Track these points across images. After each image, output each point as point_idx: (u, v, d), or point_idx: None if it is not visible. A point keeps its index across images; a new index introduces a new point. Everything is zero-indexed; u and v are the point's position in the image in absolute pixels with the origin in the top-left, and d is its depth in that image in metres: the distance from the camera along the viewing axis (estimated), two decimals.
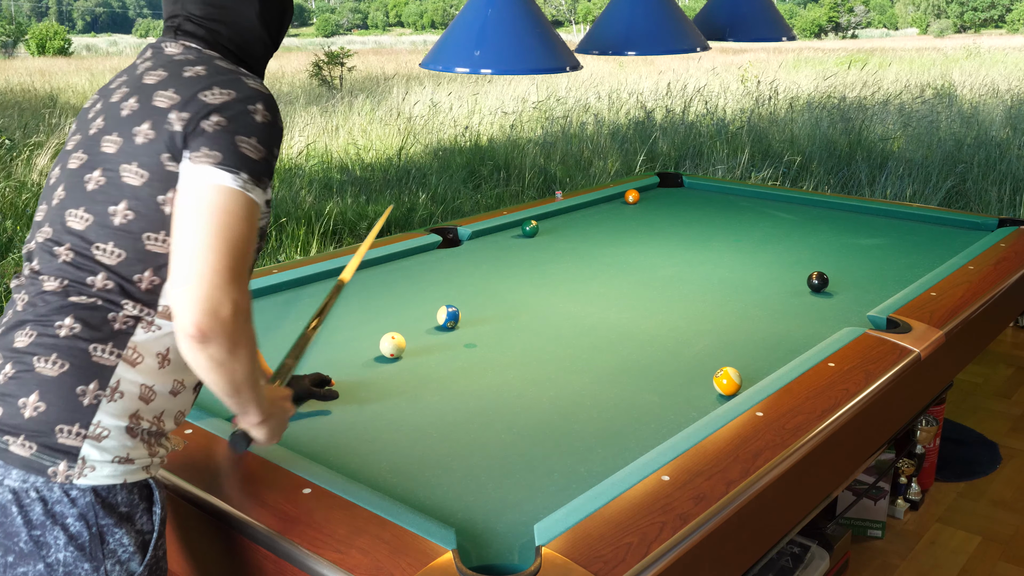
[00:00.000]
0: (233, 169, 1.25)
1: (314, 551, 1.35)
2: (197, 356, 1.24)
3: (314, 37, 58.66)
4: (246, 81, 1.33)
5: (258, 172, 1.28)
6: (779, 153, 8.24)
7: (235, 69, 1.36)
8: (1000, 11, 47.08)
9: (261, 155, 1.29)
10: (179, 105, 1.29)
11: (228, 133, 1.27)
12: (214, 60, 1.37)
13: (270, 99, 1.34)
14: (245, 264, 1.26)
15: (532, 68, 2.66)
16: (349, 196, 7.06)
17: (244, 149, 1.27)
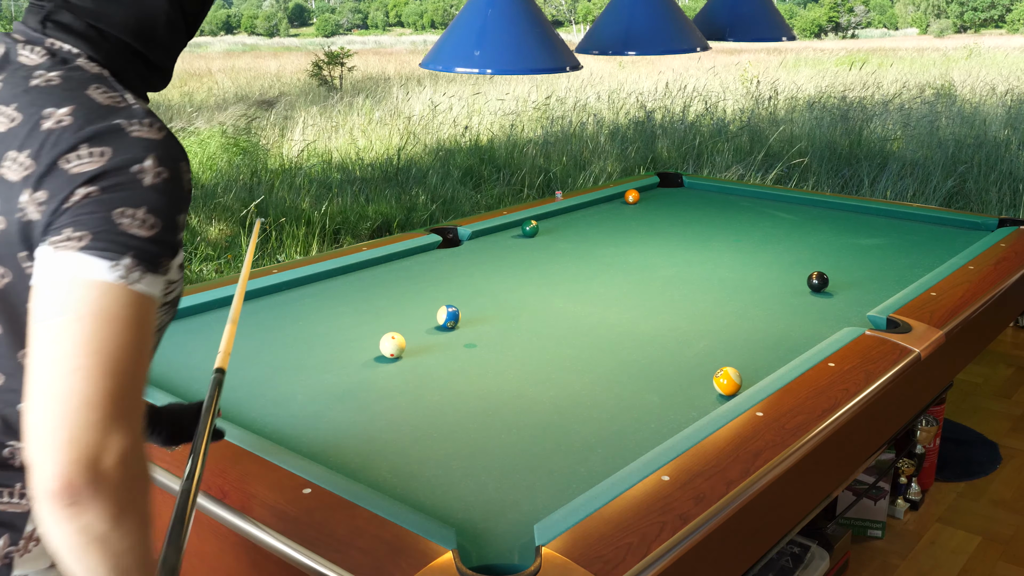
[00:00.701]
0: (110, 254, 0.90)
1: (314, 551, 1.35)
2: (63, 528, 0.86)
3: (314, 37, 58.67)
4: (128, 128, 0.97)
5: (150, 255, 0.93)
6: (779, 154, 8.24)
7: (113, 106, 0.99)
8: (1000, 11, 47.08)
9: (155, 230, 0.94)
10: (34, 180, 0.94)
11: (102, 208, 0.92)
12: (88, 87, 0.99)
13: (167, 146, 0.98)
14: (134, 388, 0.90)
15: (532, 68, 2.66)
16: (349, 196, 7.06)
17: (126, 226, 0.92)
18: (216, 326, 2.41)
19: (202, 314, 2.50)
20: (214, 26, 76.26)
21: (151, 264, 0.94)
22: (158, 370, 2.09)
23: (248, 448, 1.65)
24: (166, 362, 2.14)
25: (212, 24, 77.53)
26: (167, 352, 2.21)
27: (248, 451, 1.64)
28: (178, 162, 0.99)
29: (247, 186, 7.38)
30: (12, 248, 0.96)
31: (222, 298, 2.56)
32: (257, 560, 1.44)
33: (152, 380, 2.01)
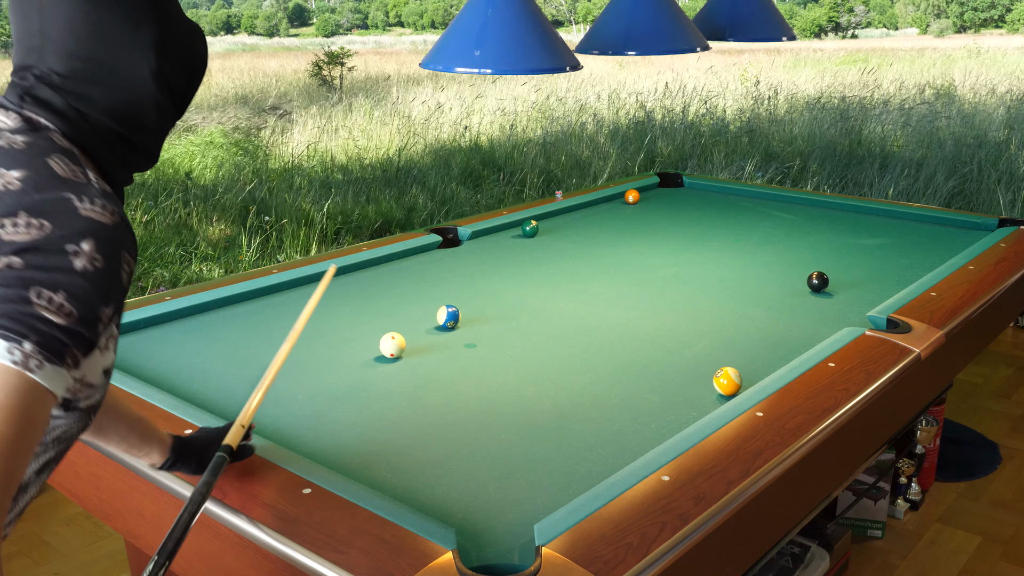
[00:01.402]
0: (12, 335, 0.83)
1: (314, 551, 1.35)
2: None
3: (314, 37, 58.64)
4: (78, 205, 0.91)
5: (58, 344, 0.86)
6: (779, 154, 8.24)
7: (69, 179, 0.94)
8: (1000, 11, 47.06)
9: (71, 319, 0.87)
10: None
11: (17, 284, 0.85)
12: (50, 155, 0.95)
13: (114, 234, 0.92)
14: (3, 484, 0.82)
15: (532, 68, 2.66)
16: (350, 196, 7.06)
17: (39, 307, 0.85)
18: (216, 326, 2.41)
19: (202, 314, 2.50)
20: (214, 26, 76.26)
21: (55, 354, 0.86)
22: (159, 370, 2.09)
23: None
24: (166, 362, 2.15)
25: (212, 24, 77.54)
26: (167, 352, 2.21)
27: None
28: (120, 252, 0.93)
29: (247, 186, 7.39)
30: None
31: (222, 298, 2.56)
32: (257, 560, 1.44)
33: (152, 380, 2.01)
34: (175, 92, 1.07)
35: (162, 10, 1.04)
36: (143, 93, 1.03)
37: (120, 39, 1.00)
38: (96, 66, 0.99)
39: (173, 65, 1.06)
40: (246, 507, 1.47)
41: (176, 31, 1.06)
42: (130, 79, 1.02)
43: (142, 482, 1.62)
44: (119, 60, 1.00)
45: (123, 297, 0.96)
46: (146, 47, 1.02)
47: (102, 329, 0.92)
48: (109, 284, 0.91)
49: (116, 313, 0.95)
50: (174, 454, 1.46)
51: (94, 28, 0.98)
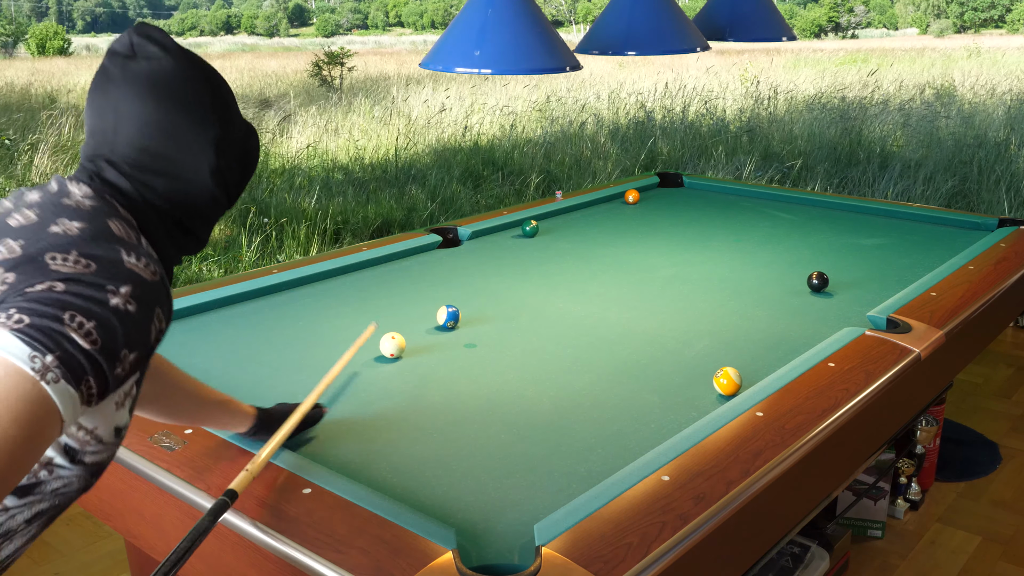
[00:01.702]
0: (36, 343, 0.87)
1: (314, 551, 1.35)
2: None
3: (314, 37, 58.67)
4: (125, 258, 0.99)
5: (77, 366, 0.89)
6: (779, 154, 8.24)
7: (123, 238, 1.03)
8: (1000, 11, 47.06)
9: (95, 346, 0.91)
10: (12, 263, 0.95)
11: (55, 304, 0.90)
12: (111, 219, 1.04)
13: (150, 287, 0.99)
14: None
15: (532, 68, 2.66)
16: (350, 196, 7.06)
17: (69, 328, 0.89)
18: (215, 325, 2.41)
19: (202, 314, 2.50)
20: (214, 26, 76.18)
21: (73, 374, 0.89)
22: None
23: (248, 448, 1.65)
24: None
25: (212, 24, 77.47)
26: (167, 352, 2.21)
27: (248, 451, 1.64)
28: (153, 306, 0.99)
29: (247, 186, 7.38)
30: None
31: (222, 298, 2.56)
32: (257, 560, 1.44)
33: None
34: (229, 185, 1.19)
35: (223, 112, 1.16)
36: (201, 186, 1.14)
37: (186, 138, 1.11)
38: (162, 160, 1.10)
39: (229, 162, 1.17)
40: (246, 507, 1.47)
41: (234, 131, 1.18)
42: (191, 173, 1.13)
43: (142, 482, 1.62)
44: (183, 156, 1.12)
45: (146, 354, 1.00)
46: (207, 145, 1.13)
47: (121, 372, 0.95)
48: (137, 330, 0.96)
49: (137, 368, 0.99)
50: (258, 424, 1.65)
51: (163, 128, 1.10)
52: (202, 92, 1.14)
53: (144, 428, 1.72)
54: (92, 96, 1.12)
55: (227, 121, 1.16)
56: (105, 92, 1.11)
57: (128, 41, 1.11)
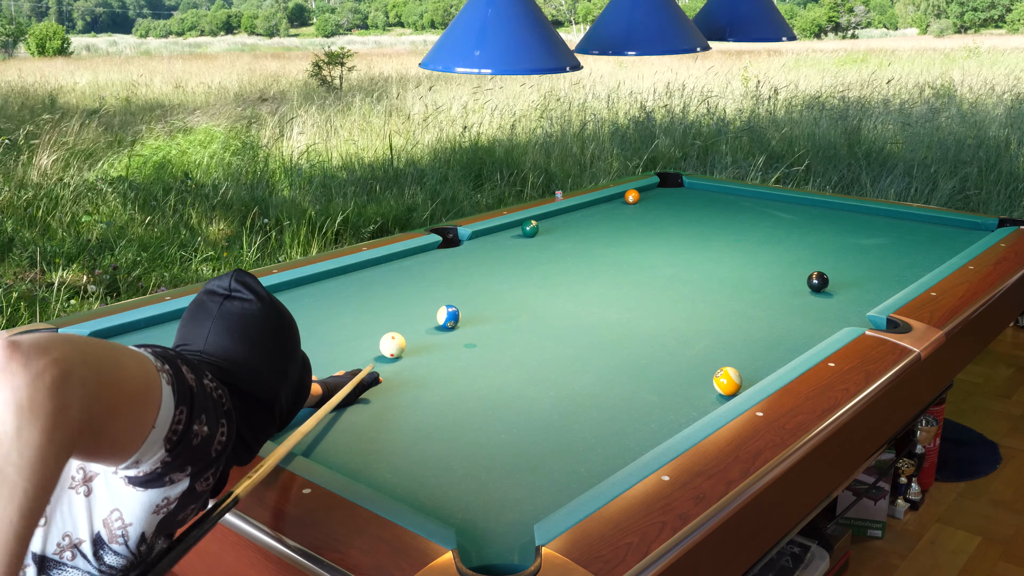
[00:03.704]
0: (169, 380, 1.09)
1: (314, 551, 1.35)
2: None
3: (314, 37, 58.66)
4: (225, 403, 1.21)
5: (212, 460, 1.18)
6: (779, 154, 8.24)
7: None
8: (1000, 11, 47.06)
9: (221, 450, 1.19)
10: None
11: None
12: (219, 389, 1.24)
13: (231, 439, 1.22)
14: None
15: (532, 68, 2.66)
16: (349, 196, 7.06)
17: (220, 432, 1.18)
18: None
19: None
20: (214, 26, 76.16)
21: (205, 463, 1.16)
22: None
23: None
24: None
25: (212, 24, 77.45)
26: None
27: None
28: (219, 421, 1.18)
29: (247, 186, 7.38)
30: None
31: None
32: (257, 560, 1.44)
33: None
34: (283, 411, 1.39)
35: (295, 357, 1.37)
36: (259, 408, 1.32)
37: (259, 371, 1.31)
38: (234, 380, 1.28)
39: (287, 394, 1.38)
40: (246, 507, 1.47)
41: (297, 367, 1.39)
42: (253, 398, 1.30)
43: None
44: (251, 383, 1.30)
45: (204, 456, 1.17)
46: (276, 380, 1.34)
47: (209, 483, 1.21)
48: (220, 461, 1.21)
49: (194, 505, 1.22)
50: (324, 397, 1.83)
51: (242, 361, 1.30)
52: (280, 339, 1.35)
53: None
54: (186, 320, 1.33)
55: (295, 362, 1.37)
56: (197, 321, 1.32)
57: (227, 283, 1.34)
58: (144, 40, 69.28)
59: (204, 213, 6.52)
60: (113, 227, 5.88)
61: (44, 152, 8.00)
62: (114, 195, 6.74)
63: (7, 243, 5.57)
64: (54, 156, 7.87)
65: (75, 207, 6.38)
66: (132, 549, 1.15)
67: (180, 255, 5.50)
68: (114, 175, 7.63)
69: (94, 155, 8.39)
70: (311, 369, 1.46)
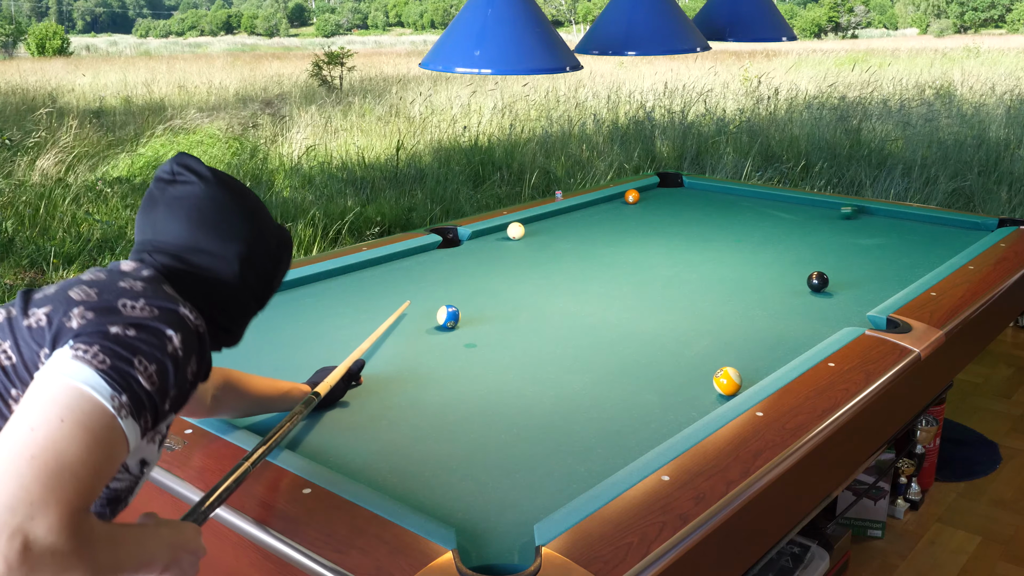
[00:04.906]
0: (115, 384, 1.06)
1: (314, 551, 1.35)
2: None
3: (314, 37, 58.64)
4: (181, 310, 1.18)
5: (139, 403, 1.08)
6: (779, 154, 8.24)
7: (176, 296, 1.22)
8: (1000, 11, 47.07)
9: (153, 387, 1.10)
10: (89, 305, 1.13)
11: (128, 348, 1.09)
12: (164, 284, 1.24)
13: (194, 338, 1.17)
14: (77, 492, 0.98)
15: (532, 68, 2.66)
16: (350, 196, 7.06)
17: (138, 372, 1.08)
18: None
19: None
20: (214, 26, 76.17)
21: (137, 410, 1.08)
22: None
23: (248, 448, 1.65)
24: None
25: (212, 24, 77.45)
26: None
27: (248, 451, 1.64)
28: (191, 354, 1.17)
29: (248, 186, 7.38)
30: (41, 342, 1.12)
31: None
32: (257, 560, 1.44)
33: None
34: (256, 292, 1.35)
35: (251, 231, 1.32)
36: (227, 291, 1.31)
37: (213, 253, 1.29)
38: (191, 267, 1.28)
39: (257, 272, 1.33)
40: (246, 507, 1.47)
41: (263, 245, 1.34)
42: (217, 280, 1.29)
43: None
44: (210, 266, 1.29)
45: (183, 398, 1.18)
46: (233, 259, 1.30)
47: (167, 409, 1.14)
48: (180, 373, 1.15)
49: (176, 406, 1.18)
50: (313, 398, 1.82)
51: (193, 244, 1.28)
52: (230, 215, 1.30)
53: None
54: (140, 212, 1.32)
55: (255, 238, 1.32)
56: (147, 211, 1.30)
57: (169, 168, 1.31)
58: (144, 40, 69.31)
59: None
60: (113, 227, 5.88)
61: (44, 152, 8.00)
62: (114, 196, 6.74)
63: (7, 243, 5.57)
64: (55, 156, 7.87)
65: (74, 207, 6.38)
66: (133, 472, 1.22)
67: None
68: (114, 175, 7.63)
69: (95, 155, 8.39)
70: (290, 245, 1.41)
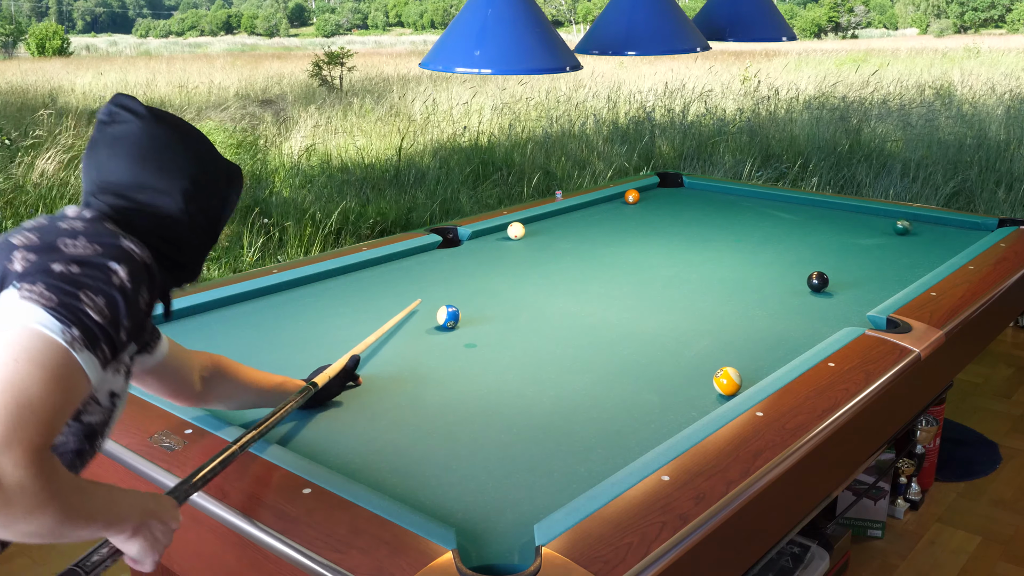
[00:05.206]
0: (64, 319, 1.09)
1: (314, 551, 1.35)
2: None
3: (314, 37, 58.64)
4: (123, 242, 1.20)
5: (93, 336, 1.11)
6: (779, 154, 8.23)
7: (119, 232, 1.23)
8: (1000, 11, 47.06)
9: (104, 319, 1.12)
10: (31, 247, 1.16)
11: (73, 284, 1.12)
12: (106, 223, 1.25)
13: (140, 268, 1.19)
14: (38, 429, 1.03)
15: (532, 68, 2.66)
16: (349, 196, 7.06)
17: (86, 305, 1.11)
18: (215, 325, 2.41)
19: (202, 314, 2.50)
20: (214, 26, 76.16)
21: (92, 342, 1.11)
22: None
23: (248, 448, 1.65)
24: None
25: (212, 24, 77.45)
26: None
27: (248, 451, 1.64)
28: (141, 284, 1.19)
29: (248, 186, 7.38)
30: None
31: (222, 298, 2.56)
32: (257, 560, 1.44)
33: None
34: (205, 227, 1.35)
35: (194, 166, 1.32)
36: (175, 227, 1.32)
37: (154, 188, 1.29)
38: (137, 204, 1.29)
39: (203, 207, 1.33)
40: (246, 507, 1.47)
41: (209, 179, 1.34)
42: (163, 216, 1.30)
43: (142, 482, 1.62)
44: (155, 202, 1.29)
45: (139, 327, 1.20)
46: (177, 194, 1.30)
47: (124, 339, 1.17)
48: (131, 306, 1.17)
49: (133, 337, 1.20)
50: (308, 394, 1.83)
51: (134, 180, 1.29)
52: (169, 150, 1.30)
53: (144, 428, 1.72)
54: (84, 158, 1.33)
55: (199, 172, 1.33)
56: (90, 154, 1.32)
57: (107, 109, 1.31)
58: (144, 40, 69.29)
59: None
60: None
61: (44, 152, 8.00)
62: None
63: None
64: (55, 157, 7.87)
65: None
66: (105, 404, 1.28)
67: None
68: None
69: None
70: (240, 182, 1.41)
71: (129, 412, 1.79)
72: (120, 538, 1.23)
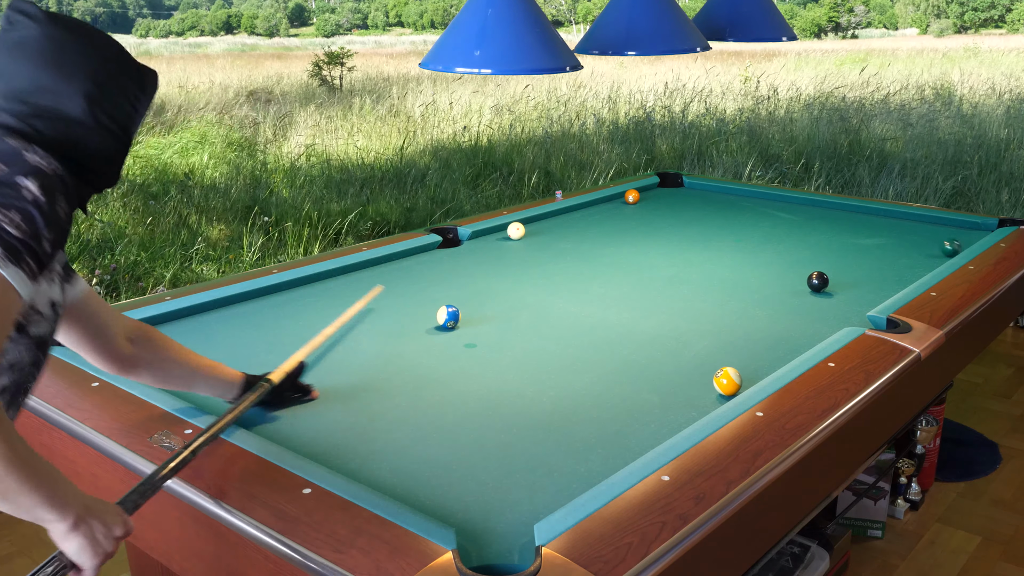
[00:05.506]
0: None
1: (314, 551, 1.35)
2: None
3: (314, 37, 58.61)
4: (28, 155, 1.22)
5: (15, 250, 1.14)
6: (779, 154, 8.24)
7: (24, 145, 1.25)
8: (1000, 11, 47.05)
9: (24, 233, 1.15)
10: None
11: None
12: (7, 138, 1.26)
13: (52, 181, 1.22)
14: None
15: (532, 68, 2.66)
16: (349, 196, 7.06)
17: (2, 222, 1.14)
18: (215, 325, 2.41)
19: (202, 314, 2.50)
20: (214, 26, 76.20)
21: (15, 256, 1.14)
22: None
23: (248, 448, 1.65)
24: None
25: (212, 24, 77.50)
26: None
27: (248, 451, 1.64)
28: (56, 194, 1.21)
29: (248, 186, 7.38)
30: None
31: (222, 298, 2.56)
32: (257, 560, 1.44)
33: None
34: (114, 132, 1.33)
35: (97, 67, 1.31)
36: (82, 132, 1.30)
37: (55, 90, 1.28)
38: (39, 110, 1.28)
39: (109, 111, 1.32)
40: (246, 507, 1.47)
41: (115, 82, 1.32)
42: (68, 120, 1.29)
43: None
44: (55, 105, 1.28)
45: (62, 235, 1.23)
46: (78, 97, 1.29)
47: (48, 250, 1.20)
48: (48, 217, 1.19)
49: (57, 246, 1.23)
50: (244, 388, 1.82)
51: (35, 84, 1.28)
52: (69, 51, 1.29)
53: (144, 428, 1.72)
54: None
55: (101, 74, 1.31)
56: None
57: (4, 16, 1.31)
58: (144, 40, 69.24)
59: (204, 213, 6.52)
60: (113, 227, 5.88)
61: None
62: (114, 195, 6.73)
63: None
64: None
65: None
66: (47, 314, 1.32)
67: (180, 255, 5.50)
68: None
69: None
70: (152, 86, 1.39)
71: (129, 412, 1.79)
72: (61, 528, 1.21)
